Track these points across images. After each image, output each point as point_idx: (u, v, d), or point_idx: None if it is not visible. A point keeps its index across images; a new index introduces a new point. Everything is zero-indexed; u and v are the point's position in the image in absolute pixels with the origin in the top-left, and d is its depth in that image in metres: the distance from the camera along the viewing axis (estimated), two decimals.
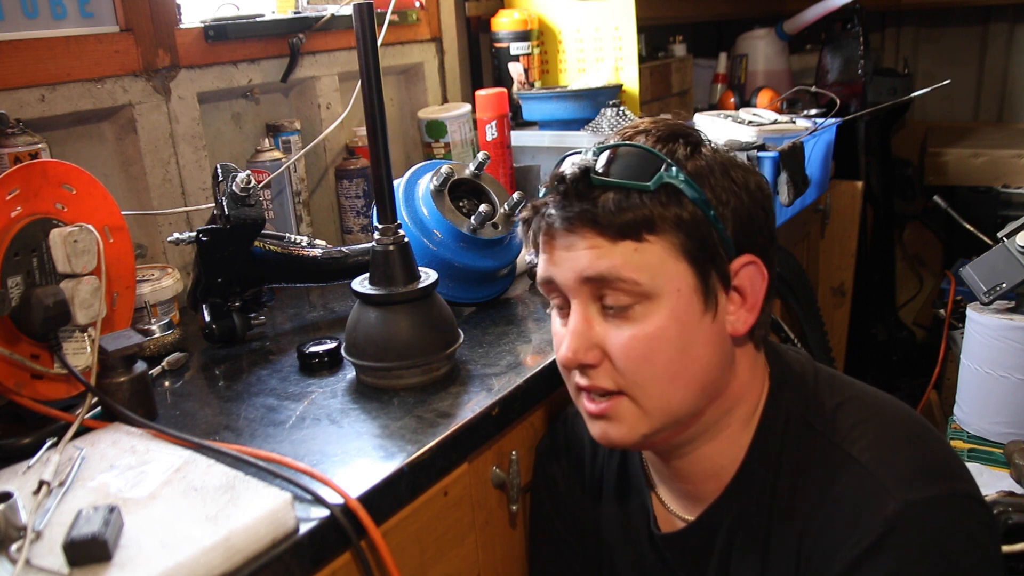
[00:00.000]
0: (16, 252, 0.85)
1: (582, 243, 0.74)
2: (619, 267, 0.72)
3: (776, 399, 0.81)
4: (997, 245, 1.42)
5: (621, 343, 0.74)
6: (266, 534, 0.68)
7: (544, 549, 1.02)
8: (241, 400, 0.98)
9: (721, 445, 0.80)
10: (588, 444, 0.97)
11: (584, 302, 0.76)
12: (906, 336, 2.94)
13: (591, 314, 0.76)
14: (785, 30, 2.51)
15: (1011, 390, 1.35)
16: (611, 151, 0.76)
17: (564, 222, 0.75)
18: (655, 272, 0.73)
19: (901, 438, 0.75)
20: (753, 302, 0.77)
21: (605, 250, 0.73)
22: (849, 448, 0.74)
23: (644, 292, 0.73)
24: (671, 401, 0.76)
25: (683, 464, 0.83)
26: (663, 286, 0.73)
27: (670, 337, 0.74)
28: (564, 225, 0.75)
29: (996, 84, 3.22)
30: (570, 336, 0.76)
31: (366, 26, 0.92)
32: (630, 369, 0.74)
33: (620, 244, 0.73)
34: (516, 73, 1.87)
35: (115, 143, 1.29)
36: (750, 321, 0.78)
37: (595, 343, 0.75)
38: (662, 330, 0.73)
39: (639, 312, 0.74)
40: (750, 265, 0.77)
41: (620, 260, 0.72)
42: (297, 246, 1.20)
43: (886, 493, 0.70)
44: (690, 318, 0.74)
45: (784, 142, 1.50)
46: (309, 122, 1.57)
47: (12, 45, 1.11)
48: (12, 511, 0.66)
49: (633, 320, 0.74)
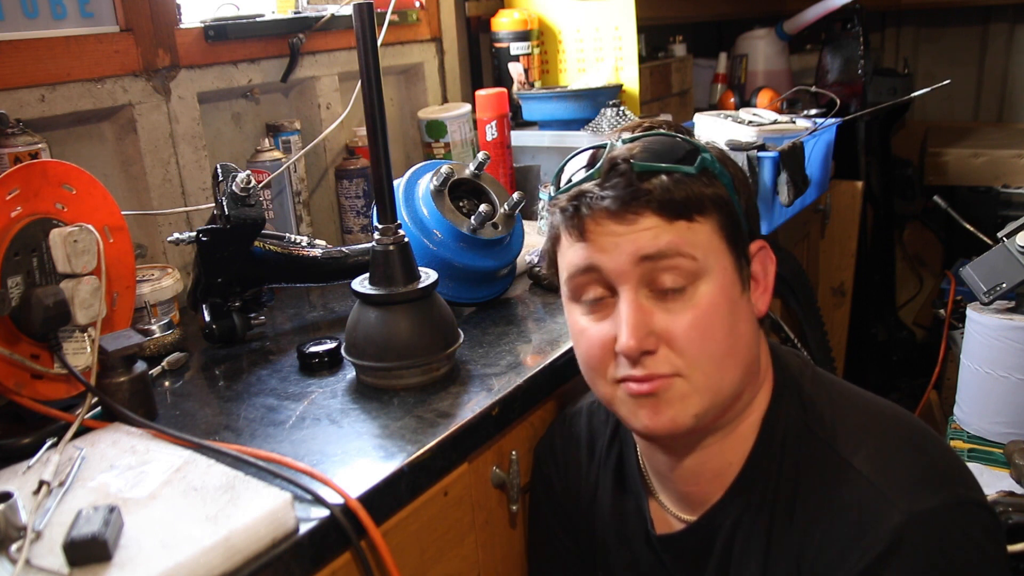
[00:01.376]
0: (16, 252, 0.85)
1: (639, 224, 0.74)
2: (679, 243, 0.73)
3: (778, 401, 0.81)
4: (997, 245, 1.42)
5: (685, 325, 0.74)
6: (266, 534, 0.68)
7: (541, 549, 1.02)
8: (241, 400, 0.98)
9: (734, 441, 0.80)
10: (585, 446, 0.97)
11: (635, 287, 0.74)
12: (906, 336, 2.94)
13: (642, 300, 0.75)
14: (785, 30, 2.51)
15: (1011, 390, 1.35)
16: (646, 139, 0.78)
17: (618, 203, 0.73)
18: (706, 250, 0.74)
19: (902, 445, 0.75)
20: (767, 285, 0.82)
21: (663, 229, 0.74)
22: (851, 458, 0.74)
23: (698, 270, 0.74)
24: (724, 377, 0.76)
25: (693, 461, 0.82)
26: (712, 265, 0.75)
27: (723, 314, 0.75)
28: (618, 206, 0.73)
29: (996, 84, 3.22)
30: (629, 325, 0.73)
31: (366, 26, 0.92)
32: (692, 350, 0.74)
33: (675, 224, 0.74)
34: (516, 73, 1.87)
35: (115, 143, 1.29)
36: (767, 301, 0.82)
37: (652, 329, 0.74)
38: (716, 306, 0.74)
39: (693, 293, 0.74)
40: (762, 250, 0.81)
41: (677, 236, 0.73)
42: (297, 246, 1.20)
43: (890, 504, 0.69)
44: (734, 295, 0.77)
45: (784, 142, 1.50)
46: (309, 122, 1.57)
47: (12, 45, 1.11)
48: (12, 511, 0.66)
49: (689, 300, 0.74)
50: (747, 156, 1.41)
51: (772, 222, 1.54)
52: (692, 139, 0.79)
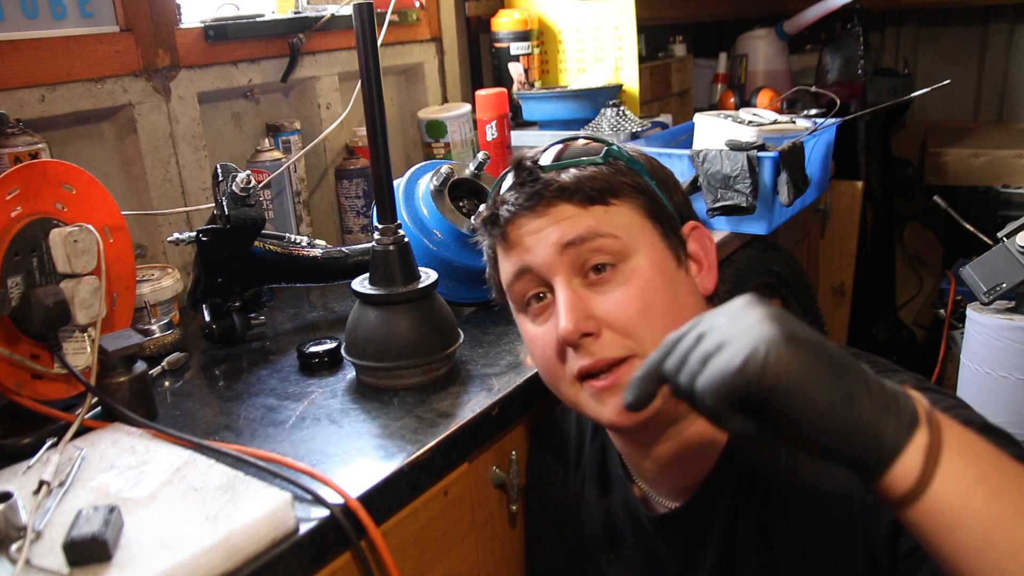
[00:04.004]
0: (16, 252, 0.85)
1: (554, 216, 0.77)
2: (597, 225, 0.76)
3: None
4: (997, 245, 1.42)
5: (617, 302, 0.75)
6: (266, 534, 0.68)
7: (535, 548, 1.02)
8: (241, 400, 0.98)
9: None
10: (573, 444, 0.97)
11: (566, 277, 0.77)
12: (906, 336, 2.93)
13: (576, 287, 0.77)
14: (785, 30, 2.51)
15: (1011, 390, 1.35)
16: (558, 146, 0.82)
17: (533, 199, 0.77)
18: (628, 229, 0.77)
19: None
20: (710, 263, 0.83)
21: (579, 216, 0.77)
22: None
23: (623, 248, 0.76)
24: None
25: (672, 450, 0.80)
26: (638, 241, 0.77)
27: (658, 286, 0.76)
28: (532, 203, 0.78)
29: (996, 84, 3.22)
30: (565, 310, 0.75)
31: (366, 26, 0.92)
32: (633, 324, 0.75)
33: (591, 209, 0.77)
34: (516, 73, 1.87)
35: (115, 143, 1.29)
36: (713, 279, 0.83)
37: (589, 313, 0.75)
38: (650, 280, 0.76)
39: (623, 271, 0.76)
40: (696, 230, 0.84)
41: (595, 221, 0.77)
42: (297, 246, 1.20)
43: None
44: (669, 268, 0.79)
45: (784, 142, 1.50)
46: (309, 122, 1.57)
47: (12, 45, 1.11)
48: (12, 511, 0.66)
49: (620, 279, 0.76)
50: (747, 156, 1.41)
51: (772, 222, 1.54)
52: (605, 140, 0.83)
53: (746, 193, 1.42)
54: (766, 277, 1.76)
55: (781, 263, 1.78)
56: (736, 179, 1.42)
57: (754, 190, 1.42)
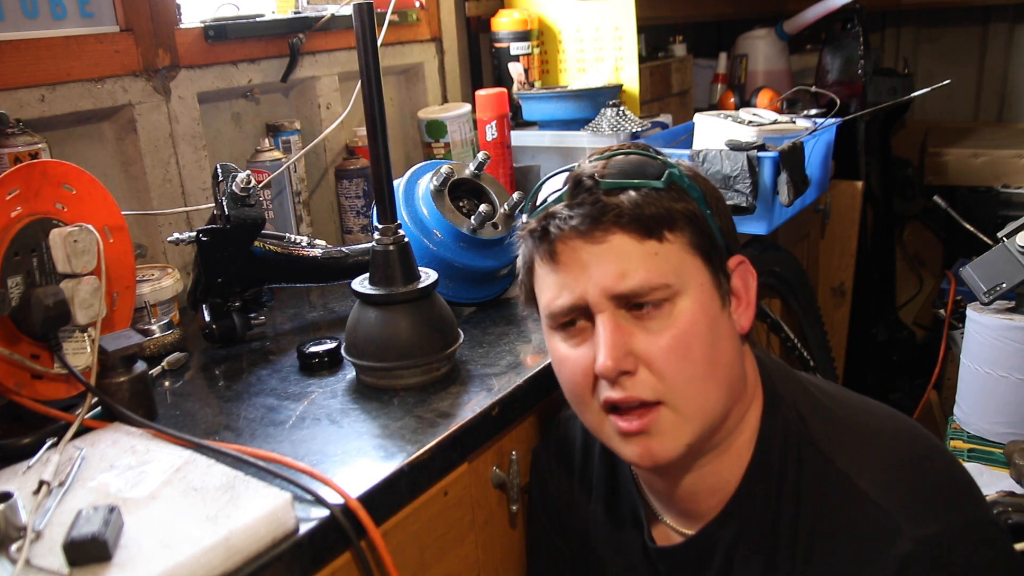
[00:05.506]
0: (16, 252, 0.85)
1: (608, 249, 0.73)
2: (649, 278, 0.73)
3: (771, 415, 0.80)
4: (997, 245, 1.42)
5: (664, 345, 0.73)
6: (266, 534, 0.68)
7: (537, 552, 1.02)
8: (241, 400, 0.98)
9: (730, 459, 0.79)
10: (579, 450, 0.96)
11: (612, 311, 0.74)
12: (906, 336, 2.93)
13: (620, 320, 0.74)
14: (785, 30, 2.51)
15: (1011, 390, 1.35)
16: (619, 159, 0.77)
17: (587, 221, 0.73)
18: (679, 270, 0.74)
19: (905, 463, 0.74)
20: (749, 300, 0.81)
21: (632, 256, 0.73)
22: (855, 477, 0.73)
23: (674, 293, 0.73)
24: (708, 399, 0.75)
25: (689, 481, 0.81)
26: (687, 282, 0.74)
27: (702, 331, 0.74)
28: (587, 224, 0.73)
29: (996, 84, 3.21)
30: (607, 345, 0.73)
31: (366, 26, 0.92)
32: (670, 371, 0.73)
33: (646, 243, 0.73)
34: (516, 73, 1.87)
35: (115, 143, 1.29)
36: (750, 317, 0.80)
37: (630, 350, 0.73)
38: (695, 324, 0.74)
39: (670, 311, 0.73)
40: (742, 265, 0.81)
41: (647, 270, 0.73)
42: (297, 246, 1.20)
43: (896, 529, 0.68)
44: (714, 310, 0.76)
45: (784, 142, 1.50)
46: (309, 122, 1.57)
47: (12, 45, 1.11)
48: (12, 511, 0.66)
49: (665, 318, 0.73)
50: (747, 156, 1.41)
51: (772, 222, 1.54)
52: (661, 156, 0.79)
53: (746, 193, 1.42)
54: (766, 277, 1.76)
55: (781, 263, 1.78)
56: (736, 179, 1.42)
57: (754, 190, 1.42)
